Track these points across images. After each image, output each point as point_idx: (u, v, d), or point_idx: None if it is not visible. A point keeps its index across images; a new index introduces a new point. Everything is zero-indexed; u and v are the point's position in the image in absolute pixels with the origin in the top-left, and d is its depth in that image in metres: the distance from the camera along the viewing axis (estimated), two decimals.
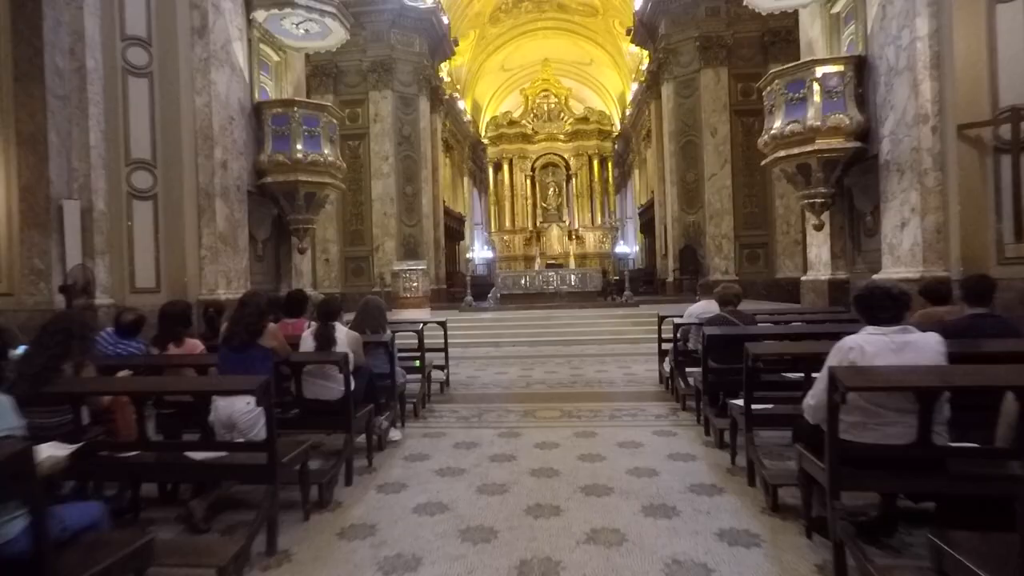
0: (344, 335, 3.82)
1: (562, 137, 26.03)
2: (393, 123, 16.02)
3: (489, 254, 27.71)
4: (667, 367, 6.35)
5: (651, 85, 17.62)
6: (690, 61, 15.51)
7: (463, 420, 5.19)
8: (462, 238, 22.72)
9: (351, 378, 3.74)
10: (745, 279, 14.99)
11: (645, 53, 19.75)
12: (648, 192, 21.94)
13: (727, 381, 4.46)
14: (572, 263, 22.27)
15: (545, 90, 26.58)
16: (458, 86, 23.53)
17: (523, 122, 26.20)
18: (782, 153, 6.96)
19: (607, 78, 27.72)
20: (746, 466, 3.42)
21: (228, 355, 3.23)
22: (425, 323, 6.87)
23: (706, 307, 5.59)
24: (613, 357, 8.60)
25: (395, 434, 4.51)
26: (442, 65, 20.57)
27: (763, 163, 7.33)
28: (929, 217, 5.71)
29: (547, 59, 26.85)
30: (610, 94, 28.62)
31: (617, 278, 14.95)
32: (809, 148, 6.70)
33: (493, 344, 10.32)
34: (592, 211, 25.88)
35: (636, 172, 25.28)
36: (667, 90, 15.94)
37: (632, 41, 18.33)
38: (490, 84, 28.42)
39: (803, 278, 8.40)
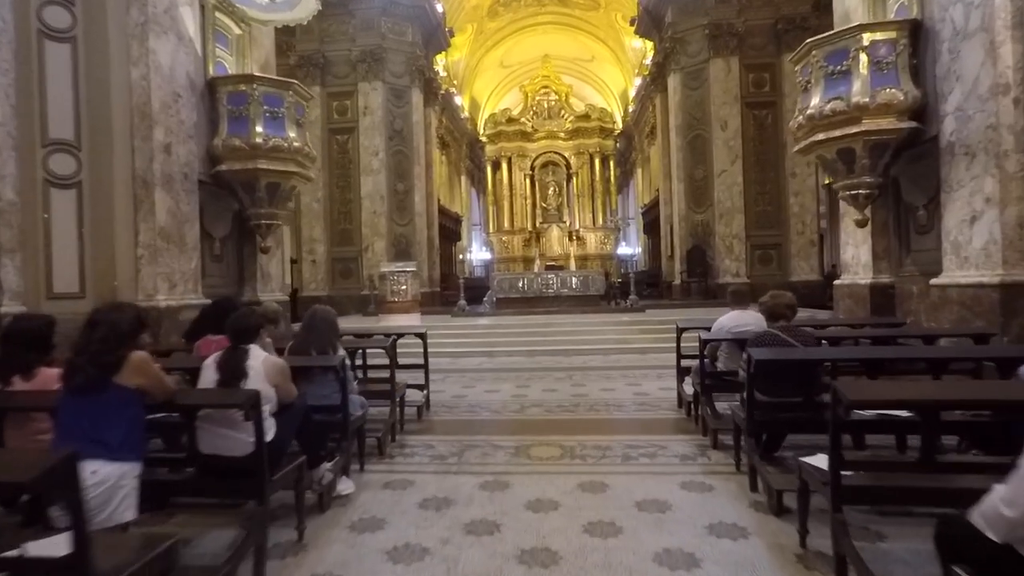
0: (261, 363, 2.72)
1: (562, 135, 24.94)
2: (384, 116, 14.94)
3: (487, 255, 26.64)
4: (687, 388, 5.27)
5: (656, 77, 16.53)
6: (698, 51, 14.42)
7: (438, 460, 4.09)
8: (459, 239, 21.65)
9: (269, 423, 2.66)
10: (757, 282, 13.90)
11: (649, 46, 18.67)
12: (652, 191, 20.86)
13: (781, 419, 3.37)
14: (572, 265, 21.18)
15: (545, 87, 25.50)
16: (455, 81, 22.47)
17: (522, 119, 25.11)
18: (820, 136, 5.84)
19: (609, 75, 26.65)
20: (833, 558, 2.33)
21: (69, 402, 2.16)
22: (399, 335, 5.79)
23: (739, 318, 4.50)
24: (620, 371, 7.50)
25: (345, 485, 3.41)
26: (438, 59, 19.50)
27: (795, 149, 6.24)
28: (1010, 209, 4.61)
29: (547, 55, 25.79)
30: (612, 91, 27.55)
31: (620, 281, 13.86)
32: (854, 129, 5.60)
33: (486, 354, 9.23)
34: (593, 211, 24.77)
35: (639, 171, 24.20)
36: (674, 81, 14.85)
37: (636, 32, 17.24)
38: (488, 81, 27.35)
39: (837, 282, 7.29)
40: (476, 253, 27.34)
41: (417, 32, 15.57)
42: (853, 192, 5.98)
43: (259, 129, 6.28)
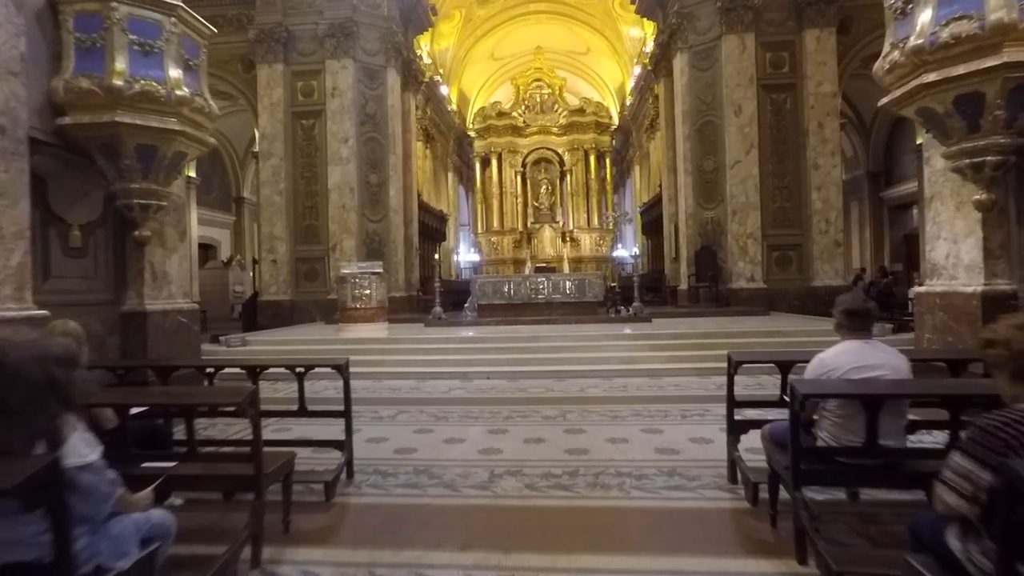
0: None
1: (556, 130, 23.01)
2: (355, 98, 12.95)
3: (476, 258, 24.66)
4: (745, 455, 3.33)
5: (660, 61, 14.60)
6: (709, 27, 12.51)
7: None
8: (443, 239, 19.64)
9: None
10: (774, 287, 12.00)
11: (650, 31, 16.79)
12: (651, 190, 18.93)
13: None
14: (566, 267, 19.22)
15: (538, 79, 23.57)
16: (440, 70, 20.49)
17: (513, 113, 23.18)
18: (931, 77, 3.88)
19: (605, 68, 24.75)
20: None
21: None
22: (306, 367, 3.80)
23: (862, 355, 2.54)
24: (629, 405, 5.52)
25: None
26: (421, 44, 17.54)
27: (885, 101, 4.29)
28: None
29: (540, 47, 23.88)
30: (607, 86, 25.64)
31: (619, 286, 11.92)
32: (989, 62, 3.65)
33: (460, 375, 7.24)
34: (588, 211, 22.84)
35: (636, 168, 22.28)
36: (680, 62, 12.92)
37: (637, 11, 15.31)
38: (478, 74, 25.39)
39: (922, 290, 5.33)
40: (464, 255, 25.35)
41: (394, 5, 13.60)
42: (975, 159, 4.02)
43: (120, 66, 4.25)
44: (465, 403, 5.87)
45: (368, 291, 9.45)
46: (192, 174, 16.26)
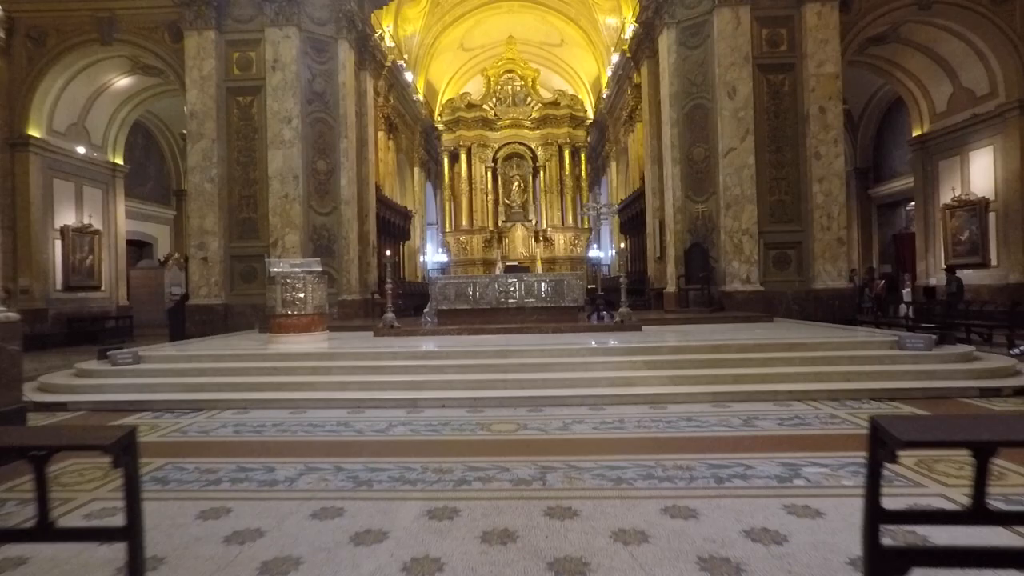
0: None
1: (528, 123, 21.40)
2: (300, 73, 11.07)
3: (444, 258, 22.88)
4: None
5: (643, 40, 13.06)
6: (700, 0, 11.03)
7: None
8: (407, 237, 17.81)
9: None
10: (770, 289, 10.53)
11: (629, 15, 15.28)
12: (630, 186, 17.42)
13: None
14: (539, 268, 17.59)
15: (510, 70, 21.96)
16: (405, 56, 18.67)
17: (484, 105, 21.50)
18: None
19: (579, 61, 23.24)
20: None
21: None
22: (49, 450, 2.01)
23: None
24: (635, 457, 3.84)
25: None
26: (385, 27, 15.73)
27: None
28: None
29: (512, 37, 22.26)
30: (582, 81, 24.15)
31: (599, 288, 10.32)
32: None
33: (407, 403, 5.50)
34: (562, 209, 21.28)
35: (612, 165, 20.78)
36: (667, 39, 11.38)
37: None
38: (447, 65, 23.61)
39: None
40: (431, 256, 23.53)
41: None
42: None
43: None
44: (405, 452, 4.12)
45: (303, 294, 7.62)
46: (119, 160, 14.10)
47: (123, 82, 13.12)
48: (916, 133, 13.56)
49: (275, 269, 7.70)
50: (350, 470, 3.68)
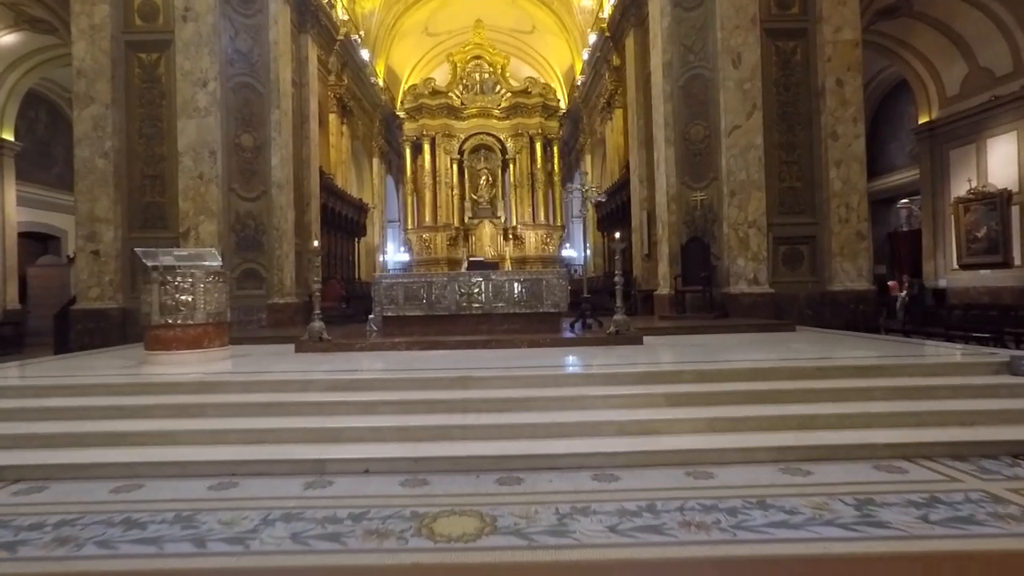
0: None
1: (497, 113, 19.41)
2: (218, 25, 8.82)
3: (406, 257, 20.71)
4: None
5: (629, 7, 11.21)
6: None
7: None
8: (362, 233, 15.59)
9: None
10: (780, 291, 8.77)
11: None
12: (606, 179, 15.58)
13: None
14: (509, 268, 15.61)
15: (477, 56, 19.92)
16: (362, 32, 16.45)
17: (450, 93, 19.40)
18: None
19: (551, 49, 21.38)
20: None
21: None
22: None
23: None
24: None
25: None
26: None
27: None
28: None
29: (480, 21, 20.25)
30: (555, 71, 22.29)
31: (586, 290, 8.40)
32: None
33: (311, 467, 3.41)
34: (533, 205, 19.35)
35: (588, 158, 18.96)
36: (659, 1, 9.55)
37: None
38: (410, 51, 21.44)
39: None
40: (393, 255, 21.31)
41: None
42: None
43: None
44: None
45: (190, 297, 5.44)
46: (8, 136, 11.53)
47: (5, 39, 10.59)
48: (923, 120, 12.09)
49: (151, 262, 5.49)
50: None
